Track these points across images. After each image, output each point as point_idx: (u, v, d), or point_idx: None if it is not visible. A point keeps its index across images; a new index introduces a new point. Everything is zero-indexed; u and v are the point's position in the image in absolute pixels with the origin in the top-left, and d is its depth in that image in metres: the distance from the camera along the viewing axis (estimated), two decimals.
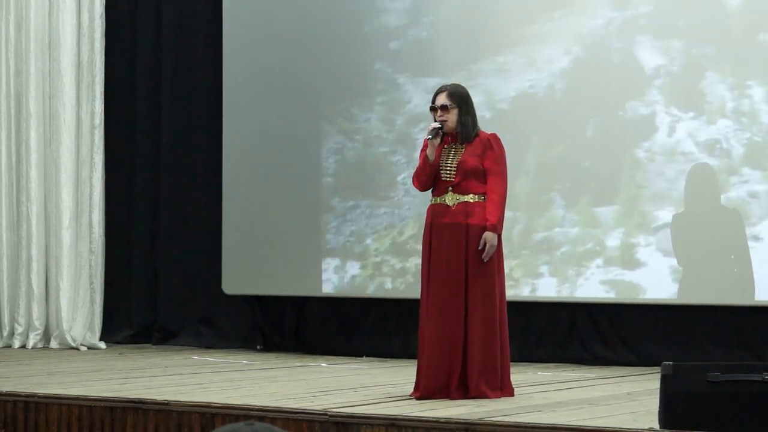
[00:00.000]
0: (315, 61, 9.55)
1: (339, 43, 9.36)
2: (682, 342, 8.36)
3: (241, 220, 9.82)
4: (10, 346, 10.19)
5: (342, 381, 7.63)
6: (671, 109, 8.32)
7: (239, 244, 9.80)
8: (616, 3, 8.40)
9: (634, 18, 8.36)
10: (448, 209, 6.61)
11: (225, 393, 6.82)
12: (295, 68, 9.64)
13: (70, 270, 10.10)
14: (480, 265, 6.55)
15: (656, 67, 8.36)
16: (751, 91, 8.07)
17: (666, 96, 8.34)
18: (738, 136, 8.16)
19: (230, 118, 9.90)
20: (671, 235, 8.39)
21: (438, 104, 6.67)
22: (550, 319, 8.90)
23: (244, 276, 9.83)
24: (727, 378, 5.20)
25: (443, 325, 6.53)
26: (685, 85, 8.24)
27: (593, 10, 8.43)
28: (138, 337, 10.52)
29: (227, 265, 9.88)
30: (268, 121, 9.75)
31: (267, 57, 9.78)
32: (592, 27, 8.50)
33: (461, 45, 9.00)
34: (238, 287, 9.87)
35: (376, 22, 9.38)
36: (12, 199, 10.32)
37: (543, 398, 6.61)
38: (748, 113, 8.13)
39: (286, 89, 9.67)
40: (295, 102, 9.63)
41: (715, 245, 8.25)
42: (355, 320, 9.57)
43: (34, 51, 10.20)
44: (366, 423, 5.71)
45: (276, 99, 9.72)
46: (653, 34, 8.27)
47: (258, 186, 9.75)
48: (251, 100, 9.82)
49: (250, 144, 9.81)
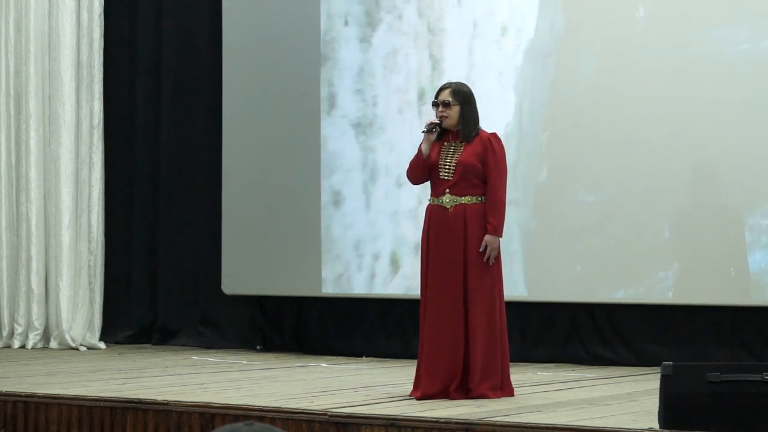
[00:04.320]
0: (315, 61, 9.54)
1: (339, 43, 9.35)
2: (682, 342, 8.36)
3: (241, 220, 9.82)
4: (9, 346, 10.19)
5: (342, 381, 7.63)
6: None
7: (239, 244, 9.80)
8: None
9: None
10: (446, 211, 6.62)
11: (225, 393, 6.83)
12: (294, 68, 9.64)
13: (70, 270, 10.10)
14: (479, 266, 6.56)
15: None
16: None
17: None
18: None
19: (230, 118, 9.90)
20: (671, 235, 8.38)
21: (440, 100, 6.68)
22: (550, 319, 8.90)
23: (243, 276, 9.83)
24: (726, 378, 5.21)
25: (443, 326, 6.54)
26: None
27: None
28: (138, 337, 10.52)
29: (227, 265, 9.88)
30: (268, 121, 9.74)
31: (267, 57, 9.78)
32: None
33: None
34: (238, 287, 9.87)
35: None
36: (12, 199, 10.32)
37: (543, 398, 6.61)
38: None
39: (286, 89, 9.67)
40: (295, 102, 9.63)
41: (715, 245, 8.24)
42: (355, 320, 9.57)
43: (33, 51, 10.20)
44: (366, 423, 5.71)
45: (276, 99, 9.72)
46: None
47: (258, 186, 9.75)
48: (251, 100, 9.82)
49: (250, 144, 9.81)
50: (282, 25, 9.73)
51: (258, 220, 9.75)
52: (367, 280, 9.27)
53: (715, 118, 8.15)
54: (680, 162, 8.33)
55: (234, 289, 9.88)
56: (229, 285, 9.89)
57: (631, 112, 8.07)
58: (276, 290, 9.77)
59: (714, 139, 8.21)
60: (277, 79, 9.72)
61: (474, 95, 6.77)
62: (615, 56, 7.68)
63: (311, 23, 9.57)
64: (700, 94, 8.13)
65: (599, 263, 8.50)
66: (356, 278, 9.32)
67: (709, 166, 8.30)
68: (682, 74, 8.15)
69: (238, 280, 9.86)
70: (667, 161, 8.33)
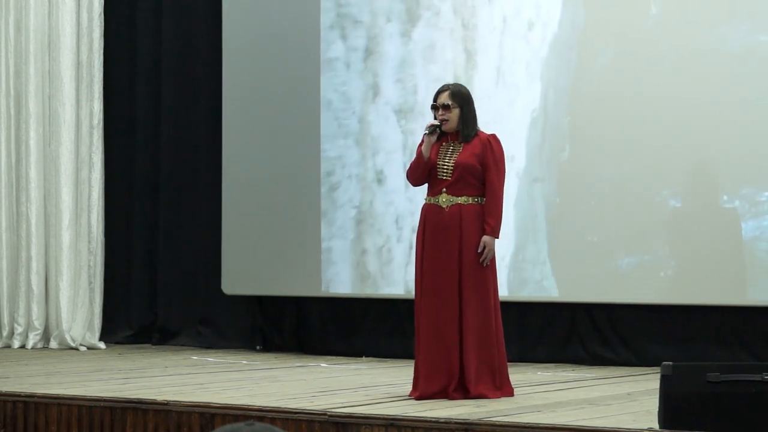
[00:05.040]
0: (315, 61, 9.54)
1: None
2: (681, 342, 8.36)
3: (241, 220, 9.82)
4: (9, 346, 10.19)
5: (342, 381, 7.63)
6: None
7: (239, 244, 9.80)
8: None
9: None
10: (442, 211, 6.62)
11: (225, 393, 6.83)
12: (294, 68, 9.64)
13: (70, 270, 10.10)
14: (474, 266, 6.57)
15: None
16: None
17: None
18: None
19: (230, 118, 9.90)
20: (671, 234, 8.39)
21: (439, 103, 6.68)
22: (550, 319, 8.90)
23: (243, 276, 9.83)
24: (726, 378, 5.21)
25: (438, 326, 6.54)
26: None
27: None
28: (138, 337, 10.52)
29: (227, 265, 9.88)
30: (268, 121, 9.75)
31: (267, 57, 9.78)
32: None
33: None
34: (238, 287, 9.87)
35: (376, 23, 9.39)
36: (12, 199, 10.32)
37: (543, 398, 6.61)
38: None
39: (286, 89, 9.67)
40: (295, 102, 9.63)
41: (715, 245, 8.24)
42: (355, 320, 9.57)
43: (33, 51, 10.20)
44: (365, 423, 5.71)
45: (276, 99, 9.72)
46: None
47: (258, 186, 9.75)
48: (251, 100, 9.82)
49: (250, 144, 9.81)
50: (282, 25, 9.73)
51: (258, 220, 9.75)
52: (367, 280, 9.26)
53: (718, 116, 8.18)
54: (680, 161, 8.34)
55: (234, 289, 9.88)
56: (229, 285, 9.89)
57: (641, 104, 8.18)
58: (276, 290, 9.77)
59: (715, 138, 8.22)
60: (277, 78, 9.72)
61: (472, 96, 6.77)
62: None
63: (311, 23, 9.57)
64: (703, 92, 8.17)
65: (599, 263, 8.50)
66: (356, 278, 9.31)
67: (710, 166, 8.30)
68: (683, 74, 8.20)
69: (238, 280, 9.85)
70: (668, 160, 8.34)
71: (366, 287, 9.27)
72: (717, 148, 8.22)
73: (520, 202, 8.25)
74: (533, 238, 8.21)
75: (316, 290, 9.50)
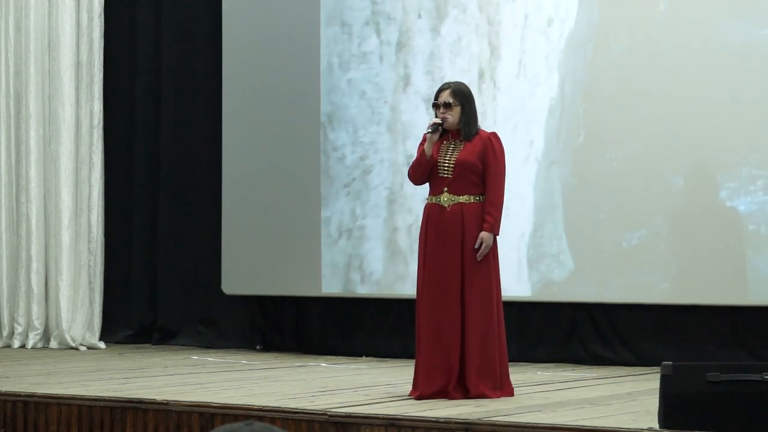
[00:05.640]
0: (314, 61, 9.55)
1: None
2: (682, 342, 8.36)
3: (240, 220, 9.82)
4: (9, 346, 10.19)
5: (342, 381, 7.63)
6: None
7: (239, 244, 9.80)
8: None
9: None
10: (444, 210, 6.62)
11: (225, 393, 6.82)
12: (294, 68, 9.64)
13: (70, 270, 10.10)
14: (476, 265, 6.56)
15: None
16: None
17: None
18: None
19: (230, 118, 9.90)
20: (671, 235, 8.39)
21: (441, 101, 6.68)
22: (550, 319, 8.90)
23: (243, 276, 9.83)
24: (726, 378, 5.21)
25: (439, 325, 6.54)
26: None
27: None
28: (138, 337, 10.52)
29: (227, 265, 9.88)
30: (268, 122, 9.75)
31: (267, 57, 9.78)
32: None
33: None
34: (238, 287, 9.87)
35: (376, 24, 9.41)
36: (12, 199, 10.32)
37: (543, 398, 6.61)
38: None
39: (286, 89, 9.67)
40: (294, 102, 9.63)
41: (714, 245, 8.25)
42: (355, 320, 9.57)
43: (33, 51, 10.20)
44: (365, 423, 5.71)
45: (276, 99, 9.72)
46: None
47: (258, 186, 9.75)
48: (251, 101, 9.82)
49: (249, 144, 9.81)
50: (282, 25, 9.73)
51: (258, 220, 9.75)
52: (366, 280, 9.27)
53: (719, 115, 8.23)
54: (681, 160, 8.37)
55: (234, 289, 9.88)
56: (229, 285, 9.89)
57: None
58: (276, 290, 9.77)
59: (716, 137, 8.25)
60: (278, 78, 9.72)
61: (473, 94, 6.78)
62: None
63: (311, 23, 9.57)
64: (705, 87, 8.29)
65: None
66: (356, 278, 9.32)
67: (710, 165, 8.31)
68: (689, 68, 8.31)
69: (238, 280, 9.86)
70: (668, 159, 8.37)
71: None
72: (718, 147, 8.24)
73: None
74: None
75: (316, 290, 9.50)
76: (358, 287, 9.31)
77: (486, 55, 8.59)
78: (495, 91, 8.67)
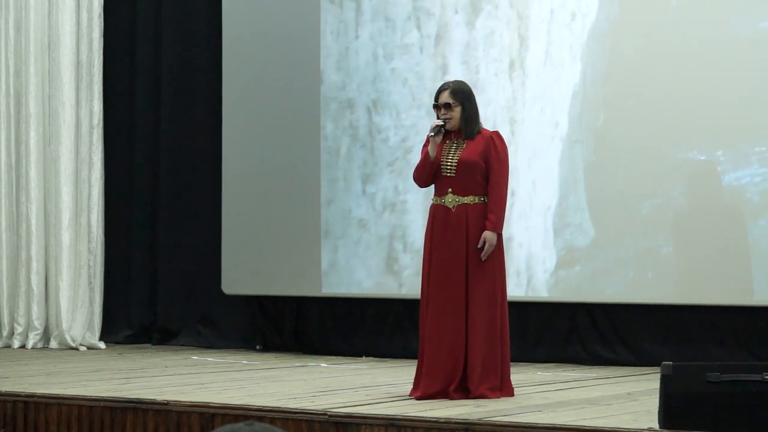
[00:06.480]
0: (314, 61, 9.55)
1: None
2: (682, 342, 8.36)
3: (241, 220, 9.82)
4: (9, 346, 10.19)
5: (342, 381, 7.63)
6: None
7: (239, 244, 9.80)
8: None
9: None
10: (449, 211, 6.61)
11: (225, 393, 6.82)
12: (294, 68, 9.65)
13: (70, 270, 10.10)
14: (481, 266, 6.55)
15: None
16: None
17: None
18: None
19: (230, 118, 9.90)
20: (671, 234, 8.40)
21: (441, 102, 6.67)
22: (550, 319, 8.90)
23: (243, 276, 9.83)
24: (726, 378, 5.21)
25: (444, 326, 6.53)
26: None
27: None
28: (138, 337, 10.52)
29: (227, 265, 9.87)
30: (268, 122, 9.75)
31: (267, 57, 9.78)
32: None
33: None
34: (238, 287, 9.87)
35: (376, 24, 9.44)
36: (12, 199, 10.32)
37: (543, 398, 6.61)
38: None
39: (286, 89, 9.68)
40: (295, 102, 9.63)
41: (715, 244, 8.26)
42: (355, 320, 9.57)
43: (33, 51, 10.20)
44: (366, 423, 5.71)
45: (276, 99, 9.72)
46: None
47: (258, 186, 9.75)
48: (251, 101, 9.82)
49: (250, 144, 9.81)
50: (282, 25, 9.74)
51: (258, 220, 9.75)
52: (367, 280, 9.28)
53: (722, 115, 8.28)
54: (681, 160, 8.39)
55: (234, 289, 9.88)
56: (229, 285, 9.89)
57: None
58: (276, 290, 9.77)
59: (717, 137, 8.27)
60: (277, 78, 9.72)
61: (473, 92, 6.77)
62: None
63: (312, 22, 9.58)
64: (709, 81, 8.47)
65: (600, 263, 8.52)
66: (356, 278, 9.32)
67: (712, 165, 8.32)
68: (699, 59, 8.51)
69: (238, 280, 9.86)
70: (668, 160, 8.40)
71: (366, 287, 9.27)
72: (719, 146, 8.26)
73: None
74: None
75: (316, 290, 9.50)
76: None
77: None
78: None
